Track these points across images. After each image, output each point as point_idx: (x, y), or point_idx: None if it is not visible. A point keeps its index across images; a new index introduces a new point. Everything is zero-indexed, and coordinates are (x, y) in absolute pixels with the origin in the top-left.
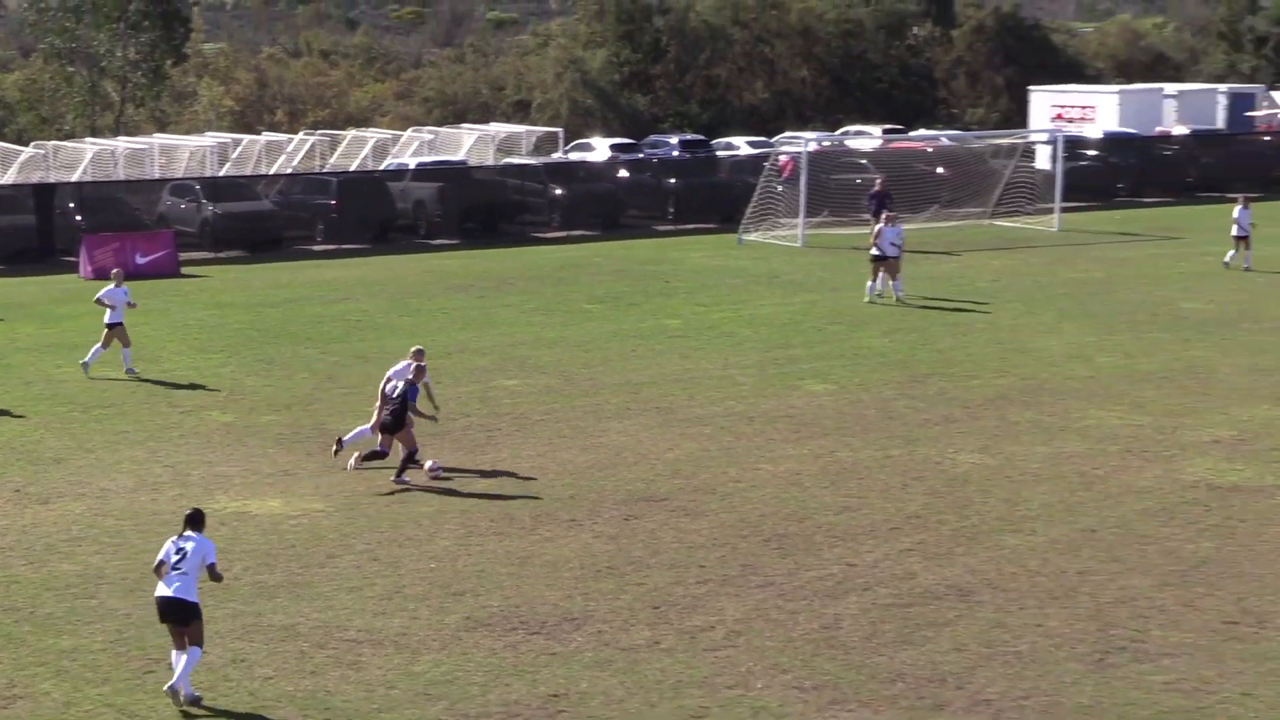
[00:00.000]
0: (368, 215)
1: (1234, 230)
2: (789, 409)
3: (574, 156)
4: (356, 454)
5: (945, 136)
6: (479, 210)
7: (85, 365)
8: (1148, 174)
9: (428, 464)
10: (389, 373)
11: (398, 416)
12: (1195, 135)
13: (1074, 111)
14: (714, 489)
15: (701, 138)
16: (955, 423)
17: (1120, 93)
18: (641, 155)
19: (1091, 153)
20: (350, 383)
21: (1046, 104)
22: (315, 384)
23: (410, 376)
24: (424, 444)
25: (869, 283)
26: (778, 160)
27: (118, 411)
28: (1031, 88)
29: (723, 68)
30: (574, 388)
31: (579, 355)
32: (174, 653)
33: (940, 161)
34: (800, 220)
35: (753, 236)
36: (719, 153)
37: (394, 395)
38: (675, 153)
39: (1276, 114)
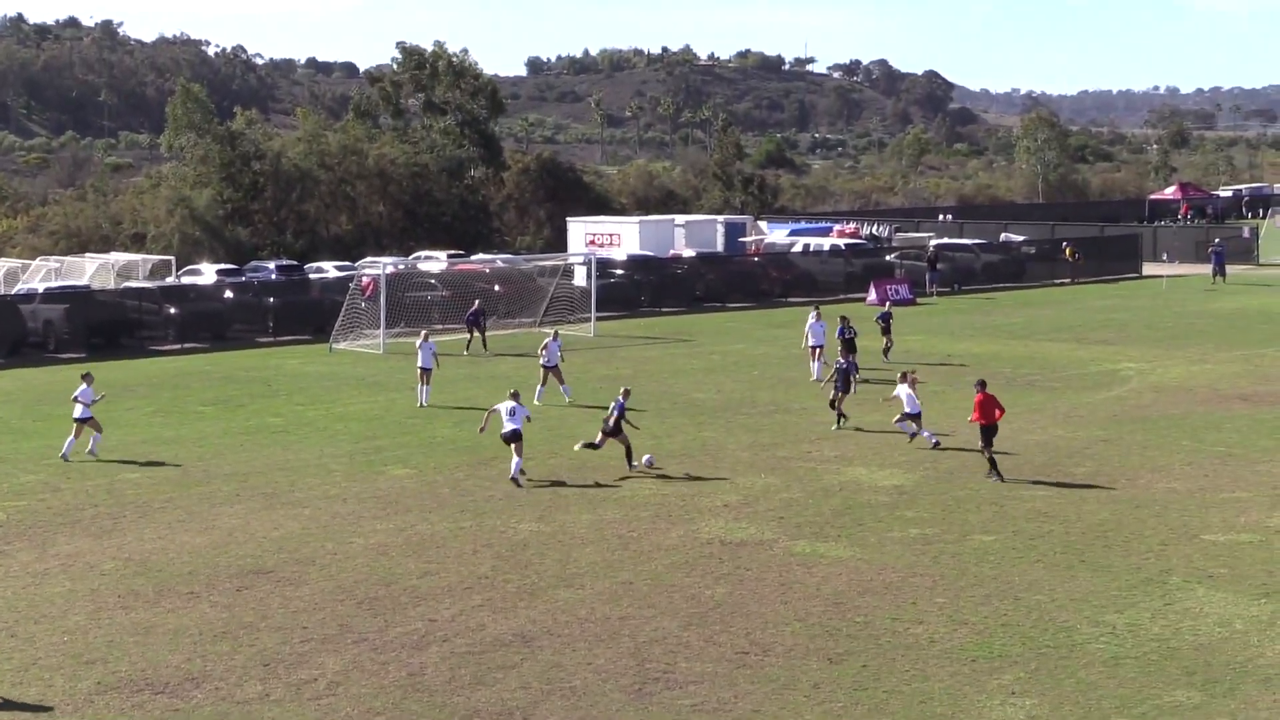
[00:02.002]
0: (1, 333)
1: (809, 341)
2: (376, 490)
3: (185, 280)
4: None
5: (500, 259)
6: (102, 327)
7: (64, 456)
8: (664, 288)
9: (644, 458)
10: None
11: (617, 425)
12: (700, 256)
13: (604, 237)
14: (314, 561)
15: (295, 263)
16: (515, 497)
17: (640, 222)
18: (244, 278)
19: (619, 271)
20: None
21: (582, 232)
22: None
23: (619, 399)
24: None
25: (539, 387)
26: (361, 281)
27: None
28: (569, 219)
29: (312, 204)
30: (190, 478)
31: (195, 450)
32: None
33: (497, 280)
34: (381, 331)
35: (342, 345)
36: (311, 275)
37: (613, 414)
38: (273, 276)
39: (763, 239)
